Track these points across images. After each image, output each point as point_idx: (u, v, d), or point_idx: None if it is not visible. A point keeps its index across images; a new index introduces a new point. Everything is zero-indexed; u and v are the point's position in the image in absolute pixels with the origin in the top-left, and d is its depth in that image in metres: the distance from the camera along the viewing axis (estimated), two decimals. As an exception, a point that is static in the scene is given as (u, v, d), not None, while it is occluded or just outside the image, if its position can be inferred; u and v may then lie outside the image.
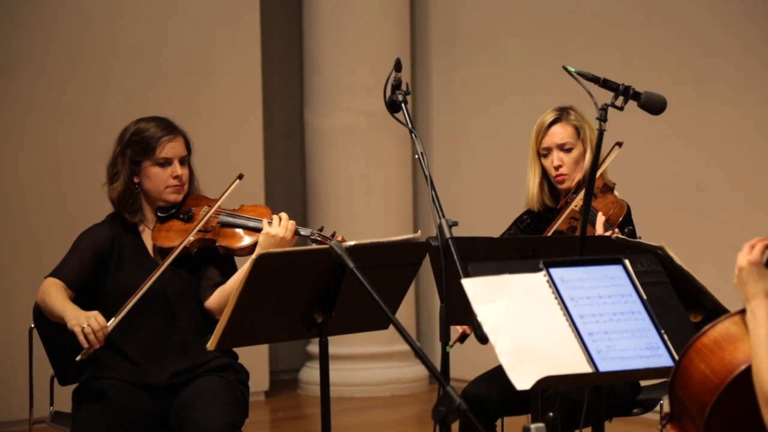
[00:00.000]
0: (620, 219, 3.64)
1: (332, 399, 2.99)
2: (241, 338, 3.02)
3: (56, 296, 3.33)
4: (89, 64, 5.77)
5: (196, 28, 6.09)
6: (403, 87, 3.05)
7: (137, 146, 3.42)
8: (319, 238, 3.35)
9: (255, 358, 5.44)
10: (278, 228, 3.33)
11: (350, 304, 2.96)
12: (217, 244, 3.40)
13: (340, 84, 6.36)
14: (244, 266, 3.30)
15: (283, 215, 3.38)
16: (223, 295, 3.37)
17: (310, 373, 6.42)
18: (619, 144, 3.61)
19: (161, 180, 3.42)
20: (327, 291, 2.93)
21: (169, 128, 3.46)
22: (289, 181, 6.77)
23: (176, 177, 3.42)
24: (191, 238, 3.36)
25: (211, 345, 2.94)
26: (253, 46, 6.26)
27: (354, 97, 6.32)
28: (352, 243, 2.86)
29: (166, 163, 3.42)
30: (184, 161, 3.47)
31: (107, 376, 3.37)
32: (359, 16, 6.33)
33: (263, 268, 2.85)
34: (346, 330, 3.14)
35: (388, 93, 3.07)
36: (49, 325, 3.53)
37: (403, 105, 3.04)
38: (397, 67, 3.03)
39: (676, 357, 2.37)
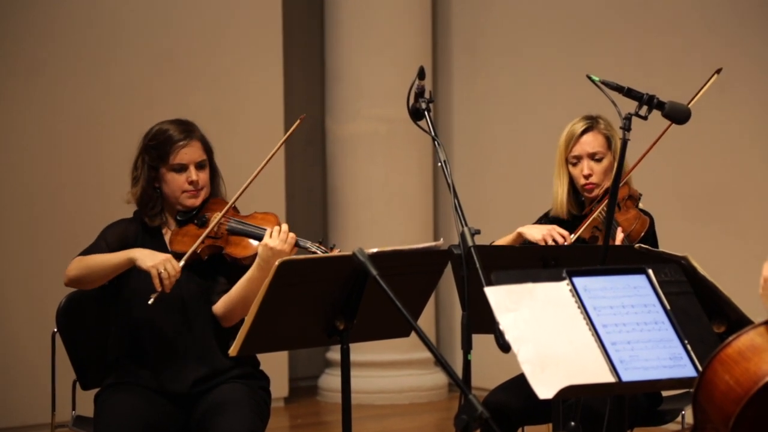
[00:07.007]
0: (642, 234, 3.58)
1: (352, 406, 2.99)
2: (263, 344, 3.03)
3: (101, 255, 3.33)
4: (113, 69, 5.79)
5: (217, 34, 6.10)
6: (426, 95, 3.05)
7: (153, 152, 3.42)
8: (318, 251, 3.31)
9: (274, 365, 5.43)
10: (276, 240, 3.26)
11: (372, 311, 2.96)
12: (224, 251, 3.38)
13: (362, 91, 6.36)
14: (247, 273, 3.31)
15: (284, 227, 3.30)
16: (229, 301, 3.35)
17: (330, 380, 6.42)
18: (718, 71, 3.47)
19: (177, 185, 3.42)
20: (349, 298, 2.93)
21: (185, 133, 3.43)
22: (309, 188, 6.78)
23: (192, 182, 3.41)
24: (200, 243, 3.34)
25: (233, 351, 2.94)
26: (275, 52, 6.27)
27: (375, 104, 6.32)
28: (374, 250, 2.85)
29: (181, 168, 3.41)
30: (202, 165, 3.45)
31: (129, 382, 3.37)
32: (381, 23, 6.33)
33: (285, 275, 2.86)
34: (368, 337, 3.14)
35: (411, 101, 3.06)
36: (73, 330, 3.54)
37: (426, 113, 3.04)
38: (421, 74, 3.03)
39: (700, 367, 2.36)
